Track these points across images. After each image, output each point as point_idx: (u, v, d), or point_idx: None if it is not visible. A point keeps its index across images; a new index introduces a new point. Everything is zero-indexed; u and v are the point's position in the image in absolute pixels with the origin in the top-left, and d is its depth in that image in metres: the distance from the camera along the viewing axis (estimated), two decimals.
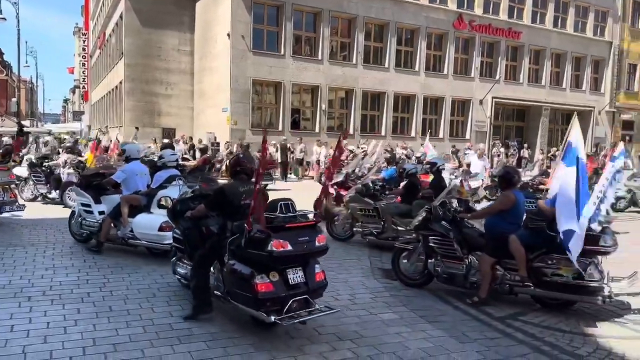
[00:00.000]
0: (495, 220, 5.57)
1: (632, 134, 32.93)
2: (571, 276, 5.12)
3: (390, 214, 8.13)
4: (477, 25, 26.67)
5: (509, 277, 5.47)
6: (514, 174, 5.74)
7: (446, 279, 5.80)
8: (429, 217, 5.94)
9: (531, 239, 5.34)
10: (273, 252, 4.08)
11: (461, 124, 27.96)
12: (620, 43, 31.14)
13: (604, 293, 5.07)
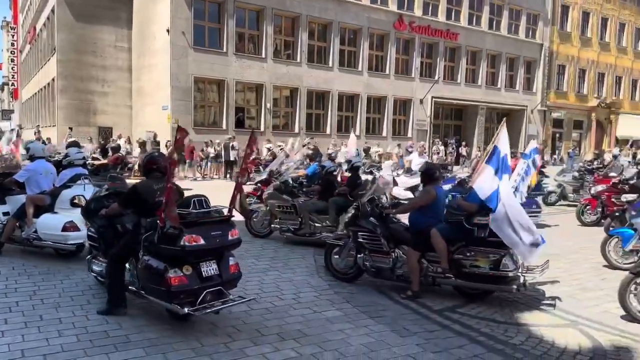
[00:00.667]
0: (418, 215, 5.79)
1: (562, 131, 34.86)
2: (488, 267, 5.39)
3: (307, 211, 8.27)
4: (416, 27, 27.35)
5: (432, 269, 5.70)
6: (435, 170, 6.01)
7: (374, 273, 5.99)
8: (357, 214, 6.11)
9: (451, 232, 5.57)
10: (185, 246, 4.20)
11: (403, 122, 28.60)
12: (550, 45, 32.87)
13: (519, 282, 5.39)
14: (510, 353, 4.38)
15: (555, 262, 7.78)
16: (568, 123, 34.97)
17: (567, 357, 4.34)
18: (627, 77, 37.51)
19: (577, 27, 34.23)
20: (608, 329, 5.01)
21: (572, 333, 4.89)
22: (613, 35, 36.20)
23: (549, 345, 4.59)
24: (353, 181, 8.66)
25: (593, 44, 35.15)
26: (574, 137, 35.75)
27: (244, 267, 6.71)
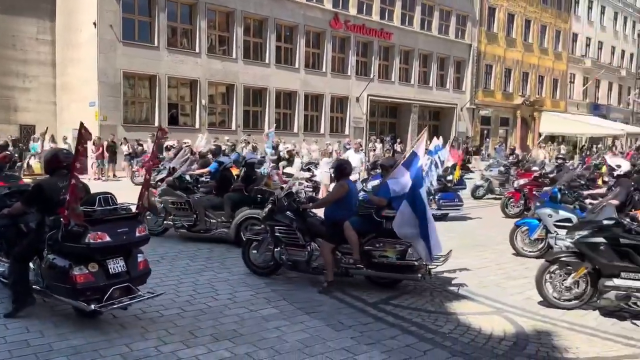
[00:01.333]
0: (332, 209, 5.98)
1: (490, 128, 36.53)
2: (395, 257, 5.66)
3: (202, 207, 8.23)
4: (352, 25, 27.69)
5: (345, 261, 5.90)
6: (346, 166, 6.22)
7: (291, 266, 6.13)
8: (273, 209, 6.21)
9: (362, 225, 5.81)
10: (90, 244, 4.23)
11: (340, 120, 28.90)
12: (478, 45, 34.32)
13: (424, 270, 5.73)
14: (440, 341, 4.54)
15: (482, 252, 8.19)
16: (495, 120, 36.69)
17: (492, 343, 4.55)
18: (549, 77, 39.86)
19: (503, 28, 35.95)
20: (531, 314, 5.31)
21: (498, 320, 5.14)
22: (536, 36, 38.34)
23: (476, 332, 4.80)
24: (248, 177, 8.69)
25: (518, 44, 37.05)
26: (500, 133, 37.54)
27: (177, 268, 6.59)
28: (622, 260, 5.07)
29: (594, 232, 5.20)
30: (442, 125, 34.40)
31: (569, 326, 5.00)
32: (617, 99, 46.75)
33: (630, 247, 5.06)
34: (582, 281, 5.34)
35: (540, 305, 5.50)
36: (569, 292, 5.40)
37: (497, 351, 4.38)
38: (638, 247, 5.06)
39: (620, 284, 5.03)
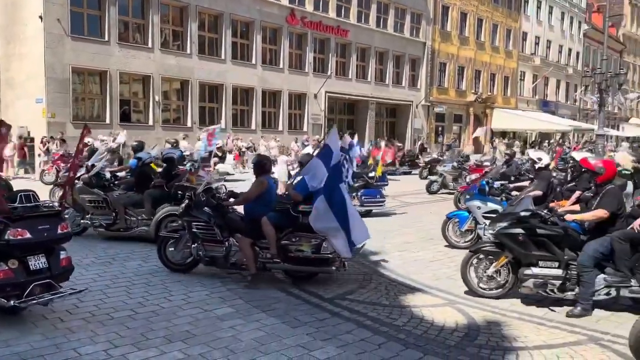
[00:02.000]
0: (251, 205, 6.05)
1: (444, 125, 37.35)
2: (310, 251, 5.77)
3: (122, 204, 8.07)
4: (308, 22, 27.66)
5: (262, 255, 5.96)
6: (266, 162, 6.29)
7: (209, 262, 6.13)
8: (190, 204, 6.19)
9: (280, 220, 5.90)
10: (10, 240, 4.25)
11: (299, 117, 28.86)
12: (432, 43, 34.99)
13: (338, 263, 5.84)
14: (394, 334, 4.61)
15: (436, 245, 8.36)
16: (449, 117, 37.54)
17: (445, 334, 4.66)
18: (500, 75, 41.09)
19: (456, 27, 36.78)
20: (481, 305, 5.46)
21: (450, 311, 5.26)
22: (488, 35, 39.42)
23: (429, 324, 4.90)
24: (168, 172, 8.55)
25: (470, 43, 37.99)
26: (454, 130, 38.46)
27: (129, 269, 6.41)
28: (539, 250, 5.30)
29: (513, 224, 5.38)
30: (399, 122, 34.94)
31: (518, 316, 5.17)
32: (564, 96, 48.72)
33: (546, 237, 5.28)
34: (503, 270, 5.56)
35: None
36: (491, 281, 5.61)
37: (449, 342, 4.48)
38: (553, 236, 5.29)
39: (538, 272, 5.25)
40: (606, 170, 5.51)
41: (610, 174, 5.53)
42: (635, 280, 5.04)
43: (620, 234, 5.10)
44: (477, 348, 4.38)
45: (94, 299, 5.30)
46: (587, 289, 5.06)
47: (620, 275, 5.07)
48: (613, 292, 5.12)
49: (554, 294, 5.29)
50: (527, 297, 5.61)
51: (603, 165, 5.58)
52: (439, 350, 4.30)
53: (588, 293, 5.06)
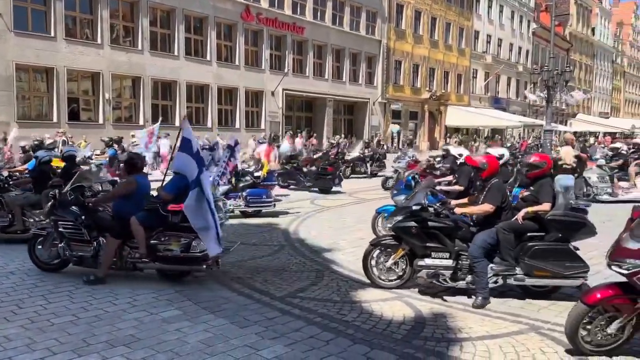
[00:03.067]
0: (121, 204, 5.96)
1: (400, 122, 37.90)
2: (179, 249, 5.76)
3: (19, 205, 7.82)
4: (264, 19, 27.47)
5: (132, 255, 5.92)
6: (137, 160, 6.24)
7: (77, 262, 6.04)
8: (55, 204, 6.07)
9: (149, 219, 5.84)
10: None
11: (256, 114, 28.64)
12: (388, 41, 35.42)
13: (210, 262, 5.80)
14: (343, 330, 4.63)
15: None
16: (405, 114, 38.13)
17: (392, 328, 4.72)
18: (453, 72, 42.05)
19: (411, 25, 37.37)
20: (429, 298, 5.57)
21: (399, 305, 5.33)
22: (441, 33, 40.24)
23: (377, 318, 4.95)
24: (67, 171, 8.14)
25: (424, 41, 38.69)
26: (410, 127, 39.11)
27: (75, 272, 6.17)
28: (431, 242, 5.54)
29: (407, 217, 5.62)
30: (356, 119, 35.23)
31: (464, 307, 5.30)
32: (515, 93, 50.34)
33: (438, 229, 5.55)
34: (401, 262, 5.78)
35: (438, 288, 5.77)
36: (391, 273, 5.82)
37: (396, 335, 4.54)
38: (444, 229, 5.56)
39: (430, 263, 5.50)
40: (489, 166, 5.72)
41: (493, 169, 5.73)
42: (520, 268, 5.33)
43: (505, 225, 5.35)
44: (423, 340, 4.45)
45: (34, 305, 5.09)
46: (481, 278, 5.28)
47: (506, 264, 5.35)
48: (500, 280, 5.40)
49: (446, 283, 5.52)
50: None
51: (487, 161, 5.79)
52: (385, 344, 4.35)
53: (483, 282, 5.28)
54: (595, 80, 65.71)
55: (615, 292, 4.02)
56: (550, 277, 5.30)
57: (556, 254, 5.22)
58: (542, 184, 5.59)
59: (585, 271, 5.26)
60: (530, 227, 5.38)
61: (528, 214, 5.36)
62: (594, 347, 4.09)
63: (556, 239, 5.28)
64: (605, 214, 9.31)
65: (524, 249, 5.30)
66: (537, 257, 5.22)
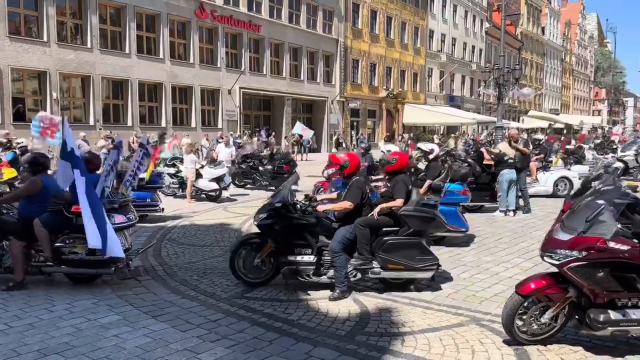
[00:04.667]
0: (25, 205, 5.75)
1: (359, 120, 38.20)
2: (85, 252, 5.57)
3: None
4: (219, 16, 27.09)
5: (37, 258, 5.75)
6: (42, 160, 6.02)
7: None
8: None
9: (54, 221, 5.65)
10: None
11: (212, 113, 28.23)
12: (345, 40, 35.59)
13: (121, 264, 5.63)
14: (287, 329, 4.60)
15: None
16: (363, 112, 38.44)
17: (337, 325, 4.72)
18: (410, 71, 42.67)
19: (367, 24, 37.67)
20: (375, 293, 5.61)
21: (345, 302, 5.35)
22: (397, 32, 40.74)
23: (323, 316, 4.95)
24: None
25: (381, 40, 39.09)
26: (369, 125, 39.46)
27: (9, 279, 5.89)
28: (294, 238, 5.63)
29: (271, 214, 5.64)
30: (315, 118, 35.25)
31: (408, 301, 5.37)
32: (469, 91, 51.58)
33: (301, 226, 5.64)
34: (267, 259, 5.75)
35: (383, 283, 5.81)
36: (258, 271, 5.79)
37: (340, 332, 4.55)
38: (307, 225, 5.65)
39: (293, 260, 5.61)
40: (351, 163, 5.86)
41: (354, 166, 5.89)
42: (376, 262, 5.49)
43: (361, 221, 5.52)
44: (366, 336, 4.48)
45: None
46: (340, 272, 5.40)
47: (362, 259, 5.50)
48: (358, 274, 5.54)
49: (309, 278, 5.62)
50: (419, 282, 5.84)
51: (348, 159, 5.91)
52: (329, 341, 4.35)
53: (341, 276, 5.40)
54: (546, 78, 68.07)
55: (547, 282, 4.15)
56: (403, 270, 5.49)
57: (408, 247, 5.45)
58: (397, 181, 5.82)
59: (435, 263, 5.52)
60: (386, 223, 5.58)
61: (383, 210, 5.56)
62: (530, 337, 4.21)
63: (409, 233, 5.50)
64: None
65: (379, 244, 5.48)
66: (390, 251, 5.42)
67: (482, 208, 10.90)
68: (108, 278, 5.92)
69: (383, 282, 5.74)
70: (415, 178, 9.37)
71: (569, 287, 4.05)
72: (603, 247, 3.81)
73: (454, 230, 7.73)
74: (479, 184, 10.67)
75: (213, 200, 12.80)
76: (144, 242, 7.85)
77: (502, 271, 6.52)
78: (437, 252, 7.35)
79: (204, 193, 12.93)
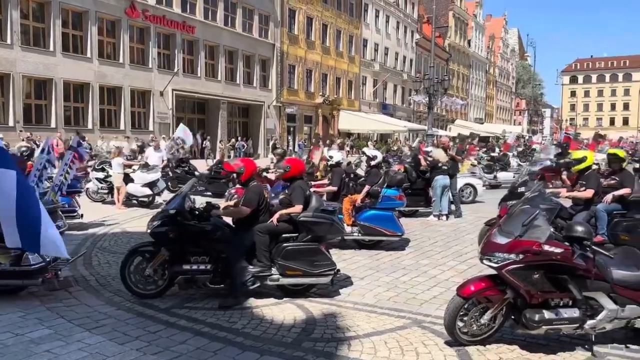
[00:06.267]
0: None
1: (295, 125, 38.26)
2: (9, 263, 5.32)
3: None
4: (151, 16, 26.21)
5: None
6: None
7: None
8: None
9: None
10: None
11: (143, 115, 27.21)
12: (281, 45, 35.58)
13: (49, 275, 5.43)
14: (232, 338, 4.50)
15: None
16: (300, 118, 38.54)
17: (283, 332, 4.67)
18: (345, 78, 43.32)
19: (303, 30, 37.87)
20: (320, 299, 5.61)
21: (291, 308, 5.31)
22: (332, 40, 41.25)
23: (268, 323, 4.88)
24: None
25: (317, 47, 39.42)
26: (305, 130, 39.63)
27: None
28: (190, 246, 5.48)
29: (164, 222, 5.48)
30: (251, 122, 34.94)
31: (352, 306, 5.42)
32: (401, 100, 53.15)
33: (197, 233, 5.48)
34: (160, 268, 5.48)
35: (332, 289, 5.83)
36: (149, 282, 5.50)
37: (286, 339, 4.51)
38: (204, 232, 5.47)
39: (188, 268, 5.42)
40: (246, 169, 5.73)
41: (249, 172, 5.77)
42: (275, 269, 5.48)
43: (260, 227, 5.50)
44: (313, 342, 4.46)
45: None
46: (236, 280, 5.35)
47: (261, 266, 5.45)
48: (257, 282, 5.45)
49: (206, 287, 5.49)
50: (362, 287, 5.92)
51: (243, 165, 5.78)
52: (275, 349, 4.29)
53: (237, 284, 5.35)
54: (471, 89, 71.50)
55: (486, 284, 4.33)
56: (302, 276, 5.49)
57: (306, 253, 5.46)
58: (295, 187, 5.87)
59: (332, 268, 5.52)
60: (285, 229, 5.59)
61: (282, 216, 5.58)
62: (470, 337, 4.38)
63: (308, 239, 5.53)
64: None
65: (278, 250, 5.46)
66: (288, 257, 5.42)
67: (417, 213, 11.24)
68: (35, 290, 5.54)
69: (281, 288, 5.64)
70: (355, 183, 9.59)
71: (506, 289, 4.25)
72: (538, 250, 4.04)
73: (390, 234, 7.96)
74: (415, 189, 11.01)
75: (146, 206, 12.34)
76: (72, 250, 7.40)
77: (439, 274, 6.74)
78: (377, 256, 7.56)
79: (136, 199, 12.43)
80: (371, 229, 7.90)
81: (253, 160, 6.69)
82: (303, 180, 6.23)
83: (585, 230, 4.20)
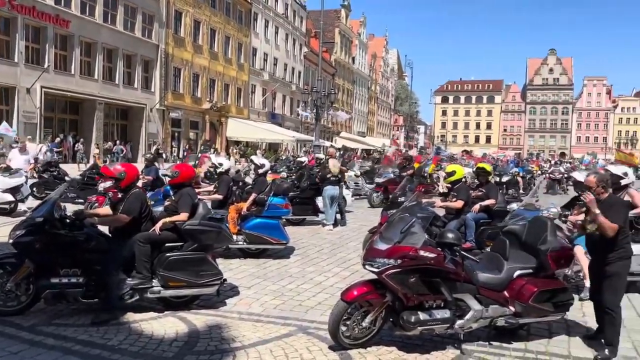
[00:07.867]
0: None
1: (180, 130, 36.97)
2: None
3: None
4: (18, 6, 23.78)
5: None
6: None
7: None
8: None
9: None
10: None
11: (6, 113, 24.50)
12: (166, 47, 34.23)
13: None
14: (108, 356, 4.20)
15: None
16: (185, 123, 37.32)
17: (164, 347, 4.45)
18: (233, 85, 42.85)
19: (190, 33, 36.83)
20: (204, 310, 5.45)
21: (172, 321, 5.08)
22: (221, 46, 40.62)
23: (147, 338, 4.62)
24: None
25: (204, 51, 38.55)
26: (191, 136, 38.47)
27: None
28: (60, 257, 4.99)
29: (30, 230, 4.96)
30: (132, 125, 33.12)
31: (238, 316, 5.33)
32: (289, 110, 53.90)
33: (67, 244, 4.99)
34: (23, 284, 4.98)
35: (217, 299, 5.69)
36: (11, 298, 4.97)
37: (167, 354, 4.30)
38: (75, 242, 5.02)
39: (57, 282, 4.92)
40: (127, 175, 5.41)
41: (131, 178, 5.44)
42: (156, 280, 5.20)
43: (141, 237, 5.20)
44: (196, 355, 4.31)
45: None
46: (111, 293, 5.00)
47: (141, 278, 5.14)
48: (136, 295, 5.14)
49: (78, 302, 5.04)
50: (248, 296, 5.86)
51: (124, 170, 5.45)
52: None
53: (113, 297, 5.00)
54: (355, 103, 74.71)
55: (368, 288, 4.52)
56: (185, 287, 5.26)
57: (191, 263, 5.24)
58: (182, 194, 5.65)
59: (219, 278, 5.35)
60: (169, 238, 5.35)
61: (166, 225, 5.35)
62: (352, 341, 4.53)
63: (193, 248, 5.32)
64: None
65: (160, 261, 5.19)
66: (172, 268, 5.16)
67: (304, 221, 11.43)
68: None
69: (163, 301, 5.34)
70: (241, 191, 9.52)
71: (386, 293, 4.48)
72: (415, 255, 4.32)
73: (276, 242, 8.01)
74: (302, 198, 11.20)
75: (7, 214, 11.10)
76: None
77: (324, 280, 6.90)
78: (264, 265, 7.55)
79: None
80: (256, 237, 7.87)
81: (135, 165, 6.28)
82: (192, 188, 6.02)
83: (455, 237, 4.58)
